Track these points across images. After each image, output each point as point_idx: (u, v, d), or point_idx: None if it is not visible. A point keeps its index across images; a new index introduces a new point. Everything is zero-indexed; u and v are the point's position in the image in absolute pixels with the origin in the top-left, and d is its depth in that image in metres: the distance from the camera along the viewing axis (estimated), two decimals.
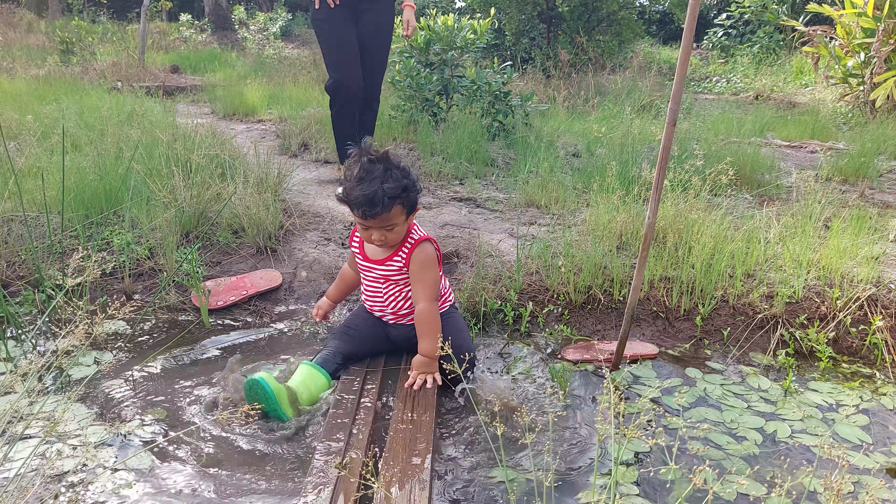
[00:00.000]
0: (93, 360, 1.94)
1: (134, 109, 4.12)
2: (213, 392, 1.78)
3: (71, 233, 2.54)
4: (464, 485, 1.47)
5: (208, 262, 2.50)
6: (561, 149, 4.16)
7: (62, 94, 5.03)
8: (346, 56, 3.18)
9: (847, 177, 3.72)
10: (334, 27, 3.14)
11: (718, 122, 4.76)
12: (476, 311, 2.23)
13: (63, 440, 1.54)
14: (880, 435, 1.71)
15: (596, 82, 6.72)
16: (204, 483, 1.43)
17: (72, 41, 8.37)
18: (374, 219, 1.64)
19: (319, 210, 3.00)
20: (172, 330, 2.16)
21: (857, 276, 2.27)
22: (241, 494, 1.41)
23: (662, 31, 13.84)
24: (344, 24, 3.14)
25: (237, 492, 1.41)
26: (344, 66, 3.19)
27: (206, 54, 9.18)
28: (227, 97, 5.62)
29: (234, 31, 11.83)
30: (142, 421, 1.65)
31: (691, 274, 2.29)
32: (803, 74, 7.89)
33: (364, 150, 1.68)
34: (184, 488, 1.42)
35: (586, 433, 1.66)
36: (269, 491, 1.42)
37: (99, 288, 2.32)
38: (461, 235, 2.76)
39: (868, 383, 1.98)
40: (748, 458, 1.58)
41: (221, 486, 1.43)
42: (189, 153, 2.90)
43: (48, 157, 3.14)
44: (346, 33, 3.16)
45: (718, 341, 2.18)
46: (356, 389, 1.73)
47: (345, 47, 3.17)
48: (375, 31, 3.24)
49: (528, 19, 7.98)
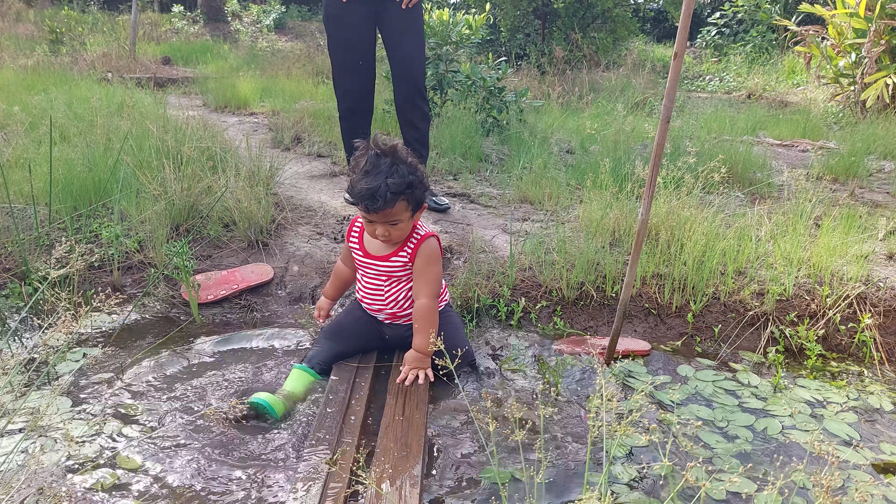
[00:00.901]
0: (81, 354, 1.91)
1: (124, 101, 4.07)
2: (203, 386, 1.77)
3: (59, 225, 2.51)
4: (455, 481, 1.46)
5: (199, 256, 2.48)
6: (555, 145, 4.15)
7: (51, 84, 4.97)
8: (351, 62, 2.67)
9: (837, 176, 3.74)
10: (343, 25, 2.62)
11: (711, 120, 4.77)
12: (469, 306, 2.23)
13: (47, 434, 1.52)
14: (868, 432, 1.72)
15: (590, 79, 6.72)
16: (192, 478, 1.42)
17: (61, 31, 8.27)
18: (376, 213, 1.62)
19: (312, 204, 2.98)
20: (162, 323, 2.14)
21: (846, 274, 2.28)
22: (231, 490, 1.40)
23: (656, 28, 13.86)
24: (358, 23, 2.62)
25: (226, 487, 1.40)
26: (348, 77, 2.70)
27: (198, 46, 9.09)
28: (219, 89, 5.57)
29: (226, 22, 11.72)
30: (129, 416, 1.63)
31: (683, 271, 2.29)
32: (795, 74, 7.93)
33: (373, 144, 1.65)
34: (171, 483, 1.40)
35: (579, 429, 1.66)
36: (259, 487, 1.41)
37: (87, 281, 2.30)
38: (455, 231, 2.76)
39: (856, 381, 1.99)
40: (739, 455, 1.58)
41: (210, 481, 1.42)
42: (180, 145, 2.86)
43: (36, 148, 3.09)
44: (358, 35, 2.64)
45: (710, 338, 2.19)
46: (347, 385, 1.72)
47: (352, 51, 2.66)
48: (403, 27, 2.67)
49: (523, 15, 7.96)
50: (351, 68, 2.69)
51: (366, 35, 2.66)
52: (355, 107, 2.78)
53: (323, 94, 5.47)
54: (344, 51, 2.67)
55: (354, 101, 2.77)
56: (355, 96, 2.75)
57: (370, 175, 1.60)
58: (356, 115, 2.80)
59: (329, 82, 6.16)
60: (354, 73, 2.70)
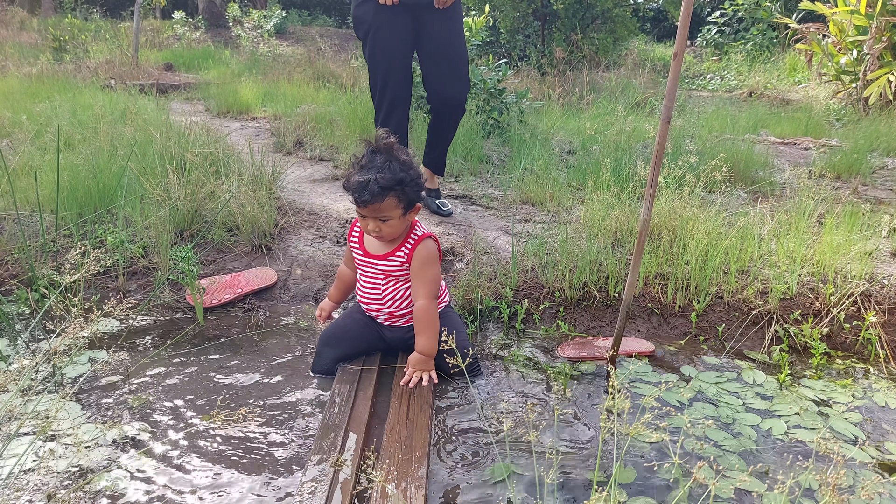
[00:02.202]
0: (87, 358, 1.93)
1: (127, 107, 4.09)
2: (208, 390, 1.78)
3: (64, 231, 2.53)
4: (460, 483, 1.47)
5: (203, 261, 2.49)
6: (556, 146, 4.16)
7: (55, 92, 5.00)
8: (393, 67, 2.56)
9: (840, 173, 3.73)
10: (381, 29, 2.51)
11: (712, 119, 4.77)
12: (472, 308, 2.23)
13: (57, 439, 1.53)
14: (873, 430, 1.72)
15: (590, 79, 6.72)
16: (199, 482, 1.43)
17: (64, 39, 8.32)
18: (364, 206, 1.67)
19: (314, 208, 2.99)
20: (167, 328, 2.15)
21: (850, 272, 2.28)
22: (237, 493, 1.40)
23: (656, 28, 13.86)
24: (398, 26, 2.50)
25: (233, 491, 1.41)
26: (389, 85, 2.59)
27: (199, 52, 9.13)
28: (221, 95, 5.59)
29: (228, 28, 11.77)
30: (136, 420, 1.64)
31: (686, 270, 2.30)
32: (796, 72, 7.92)
33: (372, 141, 1.73)
34: (178, 488, 1.41)
35: (586, 431, 1.67)
36: (266, 490, 1.42)
37: (93, 286, 2.31)
38: (456, 233, 2.76)
39: (861, 379, 1.99)
40: (745, 455, 1.58)
41: (217, 485, 1.42)
42: (183, 151, 2.88)
43: (41, 155, 3.12)
44: (395, 40, 2.53)
45: (713, 337, 2.19)
46: (352, 387, 1.73)
47: (390, 55, 2.55)
48: (444, 31, 2.56)
49: (522, 17, 7.97)
50: (390, 67, 2.58)
51: (405, 37, 2.55)
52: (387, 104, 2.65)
53: (324, 98, 5.48)
54: (383, 52, 2.56)
55: (387, 99, 2.64)
56: (390, 89, 2.62)
57: (364, 169, 1.68)
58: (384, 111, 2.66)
59: (330, 86, 6.18)
60: (393, 66, 2.58)
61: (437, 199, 3.01)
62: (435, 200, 2.99)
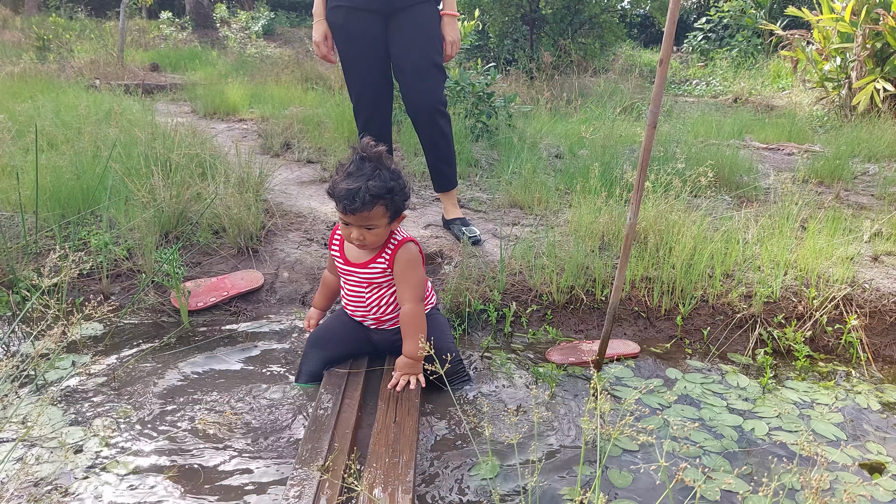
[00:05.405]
0: (70, 362, 1.90)
1: (112, 108, 4.05)
2: (193, 394, 1.76)
3: (47, 233, 2.49)
4: (447, 487, 1.46)
5: (188, 263, 2.47)
6: (544, 150, 4.18)
7: (38, 91, 4.93)
8: (367, 78, 2.48)
9: (823, 178, 3.79)
10: (353, 39, 2.44)
11: (698, 124, 4.82)
12: (460, 311, 2.23)
13: (40, 444, 1.51)
14: (855, 431, 1.74)
15: (579, 84, 6.76)
16: (184, 486, 1.41)
17: (48, 38, 8.21)
18: (353, 214, 1.64)
19: (302, 210, 2.98)
20: (152, 331, 2.12)
21: (832, 276, 2.31)
22: (223, 498, 1.39)
23: (643, 34, 13.98)
24: (369, 33, 2.43)
25: (218, 495, 1.40)
26: (363, 94, 2.52)
27: (186, 52, 9.06)
28: (207, 96, 5.55)
29: (215, 29, 11.70)
30: (119, 424, 1.62)
31: (672, 274, 2.31)
32: (781, 78, 8.03)
33: (360, 148, 1.69)
34: (163, 492, 1.40)
35: (571, 433, 1.67)
36: (251, 494, 1.40)
37: (76, 289, 2.28)
38: (445, 236, 2.76)
39: (843, 381, 2.01)
40: (728, 456, 1.60)
41: (202, 489, 1.41)
42: (168, 152, 2.85)
43: (23, 155, 3.07)
44: (365, 47, 2.45)
45: (698, 340, 2.21)
46: (339, 391, 1.72)
47: (361, 65, 2.47)
48: (408, 35, 2.42)
49: (511, 21, 8.00)
50: (361, 76, 2.50)
51: (376, 43, 2.45)
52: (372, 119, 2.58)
53: (312, 100, 5.47)
54: (354, 58, 2.48)
55: (363, 109, 2.58)
56: (364, 98, 2.55)
57: (352, 177, 1.64)
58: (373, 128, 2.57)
59: (318, 88, 6.16)
60: (364, 74, 2.50)
61: (462, 226, 2.68)
62: (461, 227, 2.67)
